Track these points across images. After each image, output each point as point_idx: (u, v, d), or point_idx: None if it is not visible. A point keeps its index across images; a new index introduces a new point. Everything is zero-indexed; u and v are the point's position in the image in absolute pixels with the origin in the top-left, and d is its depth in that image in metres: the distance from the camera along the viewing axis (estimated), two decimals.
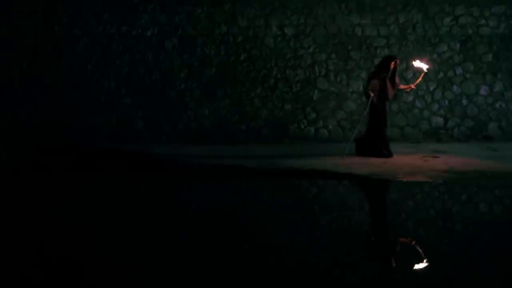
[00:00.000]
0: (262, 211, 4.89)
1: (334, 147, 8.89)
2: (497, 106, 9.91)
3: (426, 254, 3.43)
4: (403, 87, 7.99)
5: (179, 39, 10.50)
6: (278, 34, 10.34)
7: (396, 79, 7.65)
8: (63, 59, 10.53)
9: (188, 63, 10.45)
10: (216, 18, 10.45)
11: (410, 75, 9.73)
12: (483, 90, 9.96)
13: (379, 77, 7.52)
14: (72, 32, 10.57)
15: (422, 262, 3.25)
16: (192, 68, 10.43)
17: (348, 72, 10.17)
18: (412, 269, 3.17)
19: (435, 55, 9.85)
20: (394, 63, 7.50)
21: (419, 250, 3.57)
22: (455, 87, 10.01)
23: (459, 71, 10.02)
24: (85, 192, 5.71)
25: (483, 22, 10.05)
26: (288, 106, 10.19)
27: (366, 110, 7.75)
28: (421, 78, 7.95)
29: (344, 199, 5.52)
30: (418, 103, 9.99)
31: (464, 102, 9.97)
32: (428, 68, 8.03)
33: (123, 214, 4.75)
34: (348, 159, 7.32)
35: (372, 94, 7.52)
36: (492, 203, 5.23)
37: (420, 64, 7.93)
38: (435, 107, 10.00)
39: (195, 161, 7.39)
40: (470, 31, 10.06)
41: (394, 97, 7.88)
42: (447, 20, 10.10)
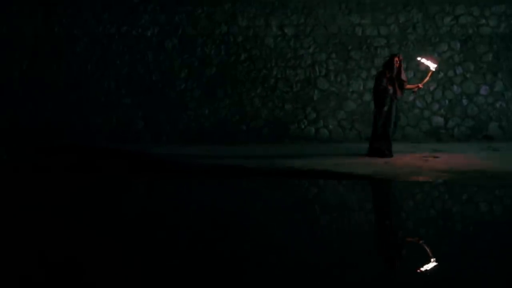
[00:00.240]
0: (262, 211, 4.89)
1: (335, 147, 8.90)
2: (497, 105, 9.90)
3: (426, 254, 3.43)
4: (410, 87, 7.94)
5: (179, 39, 10.49)
6: (278, 34, 10.34)
7: (403, 76, 7.58)
8: (63, 59, 10.53)
9: (188, 63, 10.44)
10: (216, 18, 10.45)
11: (411, 74, 9.71)
12: (484, 90, 9.94)
13: (386, 76, 7.50)
14: (72, 32, 10.56)
15: (422, 261, 3.24)
16: (192, 68, 10.43)
17: (348, 72, 10.16)
18: (412, 268, 3.16)
19: (435, 55, 9.83)
20: (397, 59, 7.49)
21: (419, 250, 3.57)
22: (455, 87, 10.00)
23: (459, 70, 10.01)
24: (85, 192, 5.71)
25: (483, 21, 10.04)
26: (288, 106, 10.18)
27: (385, 108, 7.48)
28: (428, 77, 7.92)
29: (344, 199, 5.52)
30: (419, 103, 9.98)
31: (465, 102, 9.96)
32: (435, 67, 7.99)
33: (123, 214, 4.75)
34: (349, 159, 7.32)
35: (391, 88, 7.43)
36: (492, 202, 5.23)
37: (427, 63, 7.90)
38: (436, 107, 9.99)
39: (195, 161, 7.40)
40: (470, 31, 10.05)
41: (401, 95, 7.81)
42: (447, 19, 10.09)
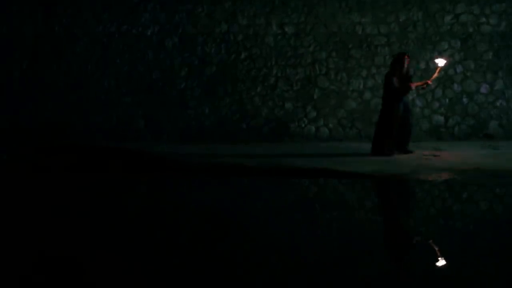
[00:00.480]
0: (263, 209, 4.89)
1: (335, 146, 8.90)
2: (497, 104, 9.88)
3: (427, 252, 3.43)
4: (419, 84, 7.94)
5: (180, 37, 10.48)
6: (278, 33, 10.33)
7: (409, 74, 7.62)
8: (63, 59, 10.52)
9: (189, 62, 10.44)
10: (217, 16, 10.44)
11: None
12: (484, 88, 9.93)
13: (397, 74, 7.49)
14: (72, 32, 10.55)
15: (423, 260, 3.24)
16: (193, 66, 10.42)
17: (348, 71, 10.15)
18: (413, 267, 3.16)
19: (436, 53, 9.81)
20: (407, 58, 7.53)
21: (419, 248, 3.57)
22: (455, 85, 9.98)
23: (459, 69, 10.00)
24: (85, 192, 5.71)
25: (483, 20, 10.02)
26: (288, 105, 10.17)
27: (396, 107, 7.48)
28: (437, 73, 7.91)
29: (344, 198, 5.52)
30: (419, 102, 9.97)
31: (465, 100, 9.95)
32: (445, 63, 7.99)
33: (123, 213, 4.75)
34: (350, 158, 7.32)
35: (413, 85, 7.53)
36: (492, 201, 5.22)
37: (437, 60, 7.89)
38: (436, 105, 9.98)
39: (196, 159, 7.39)
40: (471, 29, 10.03)
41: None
42: (448, 18, 10.07)
